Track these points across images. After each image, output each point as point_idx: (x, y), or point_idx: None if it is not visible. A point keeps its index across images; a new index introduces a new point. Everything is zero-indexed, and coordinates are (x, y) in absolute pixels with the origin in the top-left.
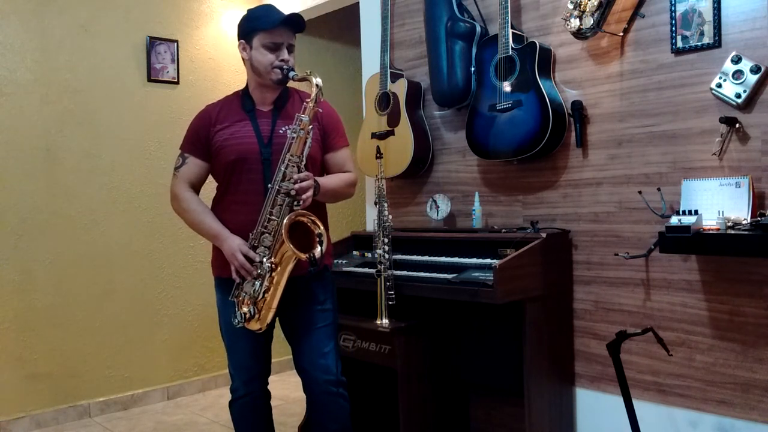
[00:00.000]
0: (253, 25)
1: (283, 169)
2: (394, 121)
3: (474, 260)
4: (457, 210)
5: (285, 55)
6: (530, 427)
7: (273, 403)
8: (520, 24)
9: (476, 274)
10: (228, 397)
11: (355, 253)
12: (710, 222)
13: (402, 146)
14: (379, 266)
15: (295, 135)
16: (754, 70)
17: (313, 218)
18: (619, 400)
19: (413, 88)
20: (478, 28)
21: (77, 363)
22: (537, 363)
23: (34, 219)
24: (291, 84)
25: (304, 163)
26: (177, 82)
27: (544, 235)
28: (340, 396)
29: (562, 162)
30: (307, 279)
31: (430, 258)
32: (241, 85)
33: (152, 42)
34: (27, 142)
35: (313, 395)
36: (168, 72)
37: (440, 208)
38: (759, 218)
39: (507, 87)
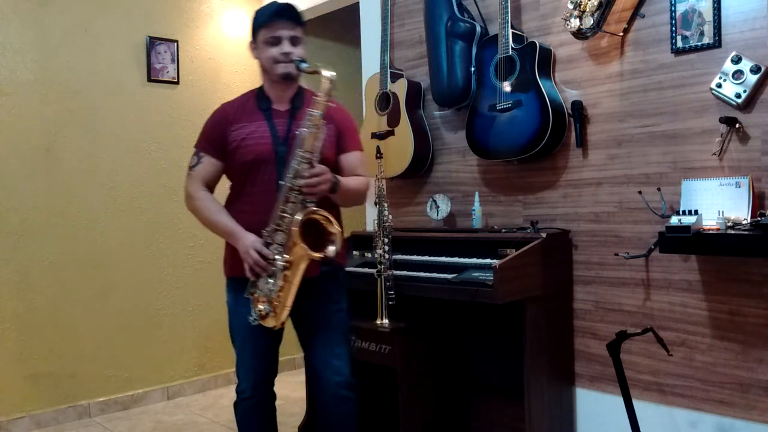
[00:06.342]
0: (255, 24)
1: (294, 165)
2: (394, 121)
3: (474, 260)
4: (457, 210)
5: (287, 47)
6: (530, 427)
7: None
8: (520, 24)
9: (476, 274)
10: (229, 396)
11: (355, 253)
12: (710, 222)
13: (402, 146)
14: (379, 266)
15: (305, 130)
16: (754, 70)
17: (327, 216)
18: (619, 400)
19: (413, 88)
20: (478, 28)
21: (77, 363)
22: (537, 363)
23: (34, 219)
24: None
25: (317, 159)
26: (177, 82)
27: (544, 235)
28: (349, 400)
29: (562, 162)
30: (321, 279)
31: (430, 258)
32: (241, 86)
33: (152, 42)
34: (27, 142)
35: (323, 396)
36: (168, 72)
37: (440, 208)
38: (759, 218)
39: (507, 87)
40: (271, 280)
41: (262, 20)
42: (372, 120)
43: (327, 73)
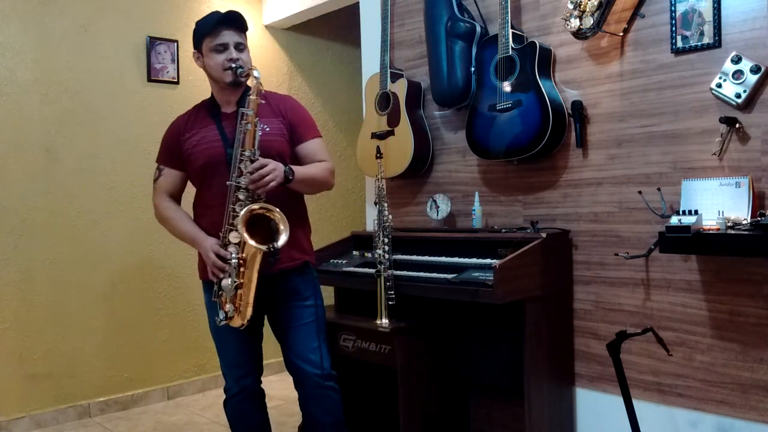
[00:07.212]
0: (199, 34)
1: (237, 165)
2: (394, 121)
3: (474, 260)
4: (457, 210)
5: (233, 54)
6: (530, 427)
7: (273, 403)
8: (520, 24)
9: (476, 274)
10: None
11: (355, 253)
12: (710, 222)
13: (402, 146)
14: (379, 266)
15: (242, 129)
16: (754, 70)
17: (267, 207)
18: (619, 400)
19: (413, 88)
20: (478, 28)
21: (77, 363)
22: (537, 363)
23: (34, 219)
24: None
25: (258, 154)
26: (177, 82)
27: (544, 235)
28: (330, 389)
29: (562, 162)
30: (289, 276)
31: (430, 258)
32: None
33: (152, 42)
34: (27, 142)
35: (304, 390)
36: (168, 72)
37: (440, 208)
38: (759, 218)
39: (507, 87)
40: (229, 280)
41: (207, 29)
42: (372, 120)
43: (255, 73)
